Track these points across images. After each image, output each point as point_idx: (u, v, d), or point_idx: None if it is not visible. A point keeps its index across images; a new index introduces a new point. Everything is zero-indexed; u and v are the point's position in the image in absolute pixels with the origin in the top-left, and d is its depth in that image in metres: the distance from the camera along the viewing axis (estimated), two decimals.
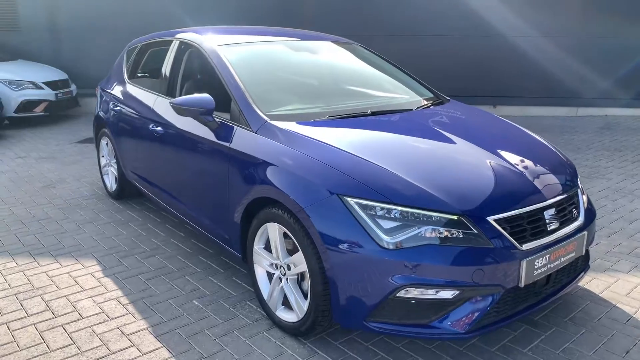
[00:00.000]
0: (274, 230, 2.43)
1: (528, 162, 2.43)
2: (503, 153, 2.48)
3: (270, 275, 2.56)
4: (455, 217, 2.06)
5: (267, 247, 2.54)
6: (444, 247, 2.01)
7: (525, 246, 2.10)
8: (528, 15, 8.25)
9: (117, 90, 4.21)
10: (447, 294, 2.02)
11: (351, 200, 2.09)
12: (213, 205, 2.89)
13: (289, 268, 2.39)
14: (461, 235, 2.04)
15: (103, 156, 4.62)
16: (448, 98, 3.45)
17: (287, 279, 2.42)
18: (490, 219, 2.08)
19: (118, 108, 4.04)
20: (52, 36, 9.53)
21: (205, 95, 2.80)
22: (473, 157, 2.39)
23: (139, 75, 4.18)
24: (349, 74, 3.52)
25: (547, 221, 2.21)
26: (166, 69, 3.58)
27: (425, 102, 3.21)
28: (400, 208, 2.06)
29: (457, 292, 2.02)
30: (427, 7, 8.52)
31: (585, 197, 2.57)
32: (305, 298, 2.33)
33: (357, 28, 8.44)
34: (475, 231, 2.05)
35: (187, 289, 2.93)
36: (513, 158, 2.43)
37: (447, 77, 8.14)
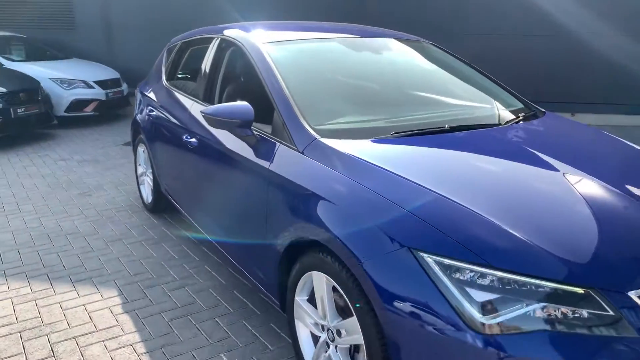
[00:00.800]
0: (320, 282, 1.88)
1: None
2: (636, 191, 1.81)
3: (315, 337, 2.01)
4: (582, 291, 1.42)
5: (312, 299, 1.99)
6: (566, 336, 1.38)
7: None
8: (610, 13, 7.28)
9: (153, 93, 3.80)
10: None
11: (429, 258, 1.50)
12: (248, 237, 2.38)
13: (339, 334, 1.83)
14: (591, 318, 1.40)
15: (140, 164, 4.24)
16: (543, 110, 2.78)
17: (336, 347, 1.86)
18: (633, 294, 1.44)
19: (154, 113, 3.62)
20: (105, 34, 9.43)
21: (243, 104, 2.28)
22: (598, 198, 1.74)
23: (178, 76, 3.75)
24: (417, 77, 2.91)
25: None
26: (205, 70, 3.11)
27: (515, 115, 2.55)
28: (500, 274, 1.45)
29: None
30: (493, 4, 7.71)
31: None
32: None
33: (415, 27, 7.76)
34: (612, 312, 1.41)
35: (215, 336, 2.43)
36: None
37: (516, 80, 7.31)
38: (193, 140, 2.88)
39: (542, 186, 1.81)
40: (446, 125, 2.25)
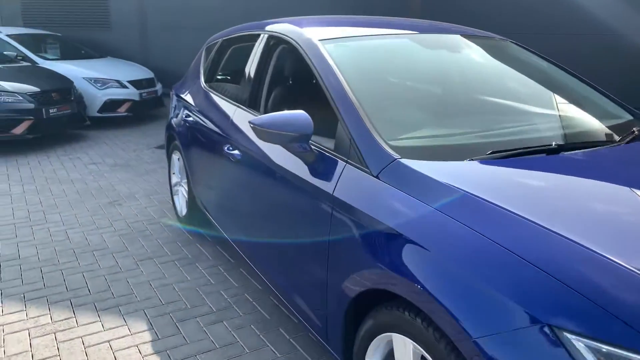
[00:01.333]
0: (403, 348, 1.45)
1: None
2: None
3: None
4: None
5: None
6: None
7: None
8: None
9: (190, 96, 3.44)
10: None
11: (580, 343, 1.06)
12: (303, 276, 1.97)
13: None
14: None
15: (174, 173, 3.90)
16: None
17: None
18: None
19: (191, 119, 3.26)
20: (140, 33, 9.23)
21: (299, 114, 1.88)
22: None
23: (218, 78, 3.37)
24: (502, 81, 2.44)
25: None
26: (250, 71, 2.72)
27: (628, 130, 2.07)
28: None
29: None
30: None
31: None
32: None
33: (494, 24, 7.21)
34: None
35: None
36: None
37: (613, 84, 6.69)
38: (236, 152, 2.49)
39: None
40: (553, 143, 1.79)
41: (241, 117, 2.61)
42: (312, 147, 1.94)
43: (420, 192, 1.50)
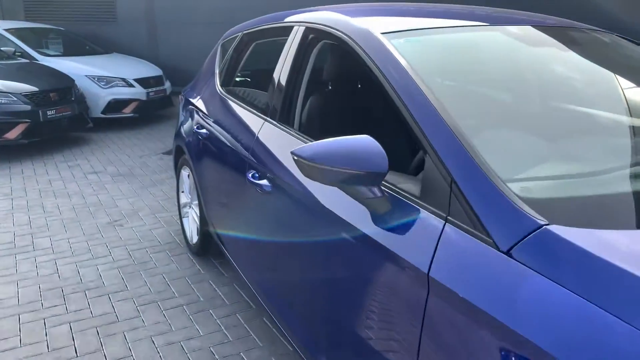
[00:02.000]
0: None
1: None
2: None
3: None
4: None
5: None
6: None
7: None
8: None
9: (203, 103, 2.83)
10: None
11: None
12: None
13: None
14: None
15: (183, 191, 3.30)
16: None
17: None
18: None
19: (204, 131, 2.65)
20: (148, 28, 8.66)
21: (364, 140, 1.27)
22: None
23: (237, 81, 2.77)
24: (621, 89, 1.81)
25: None
26: (280, 74, 2.10)
27: None
28: None
29: None
30: None
31: None
32: None
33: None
34: None
35: None
36: None
37: None
38: (264, 183, 1.88)
39: None
40: None
41: (270, 134, 2.00)
42: (385, 189, 1.33)
43: (600, 289, 0.88)
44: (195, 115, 2.84)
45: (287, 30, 2.18)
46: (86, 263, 3.07)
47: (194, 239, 3.12)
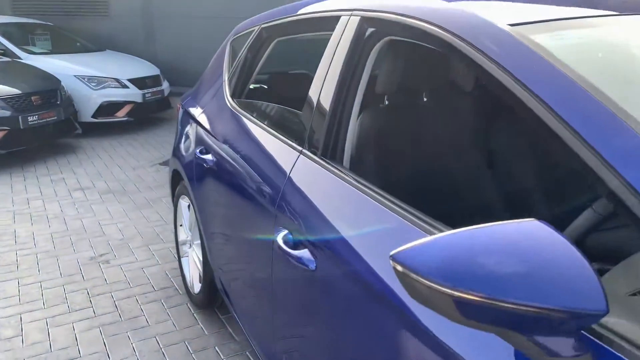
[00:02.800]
0: None
1: None
2: None
3: None
4: None
5: None
6: None
7: None
8: None
9: (208, 118, 2.17)
10: None
11: None
12: None
13: None
14: None
15: (181, 225, 2.66)
16: None
17: None
18: None
19: (208, 157, 2.00)
20: (145, 23, 7.99)
21: (545, 234, 0.62)
22: None
23: (253, 91, 2.12)
24: None
25: None
26: (322, 86, 1.45)
27: None
28: None
29: None
30: None
31: None
32: None
33: None
34: None
35: None
36: None
37: None
38: (305, 255, 1.24)
39: None
40: None
41: (309, 173, 1.36)
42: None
43: None
44: (198, 134, 2.19)
45: (330, 22, 1.52)
46: (60, 319, 2.42)
47: (196, 287, 2.47)
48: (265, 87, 2.46)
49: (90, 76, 6.17)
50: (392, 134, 1.54)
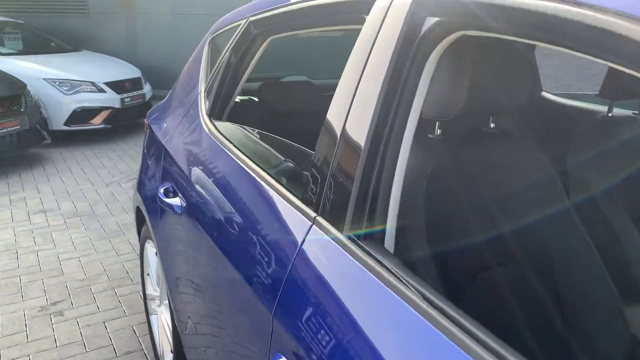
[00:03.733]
0: None
1: None
2: None
3: None
4: None
5: None
6: None
7: None
8: None
9: (176, 144, 1.60)
10: None
11: None
12: None
13: None
14: None
15: (148, 275, 2.09)
16: None
17: None
18: None
19: (175, 201, 1.43)
20: (126, 20, 7.39)
21: None
22: None
23: (239, 108, 1.55)
24: None
25: None
26: (348, 107, 0.89)
27: None
28: None
29: None
30: None
31: None
32: None
33: None
34: None
35: None
36: None
37: None
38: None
39: None
40: None
41: (335, 261, 0.80)
42: None
43: None
44: (164, 167, 1.61)
45: (358, 8, 0.96)
46: None
47: (166, 357, 1.90)
48: (256, 99, 1.90)
49: (62, 79, 5.57)
50: (451, 184, 0.99)
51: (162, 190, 1.50)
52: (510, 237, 1.03)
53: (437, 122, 1.07)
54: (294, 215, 0.92)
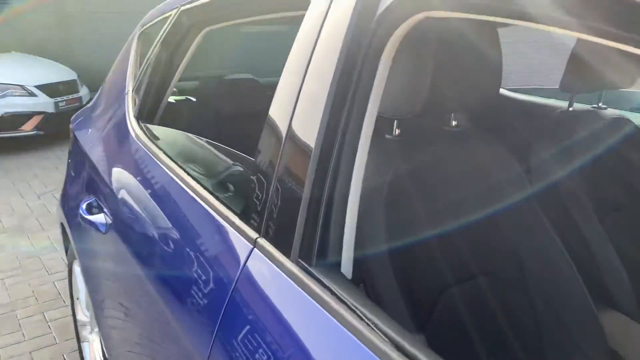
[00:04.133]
0: None
1: None
2: None
3: None
4: None
5: None
6: None
7: None
8: None
9: (100, 152, 1.40)
10: None
11: None
12: None
13: None
14: None
15: (77, 298, 1.87)
16: None
17: None
18: None
19: (98, 218, 1.23)
20: (58, 18, 6.96)
21: None
22: None
23: (171, 102, 1.37)
24: None
25: None
26: (294, 104, 0.74)
27: None
28: None
29: None
30: None
31: None
32: None
33: None
34: None
35: None
36: None
37: None
38: None
39: None
40: None
41: (281, 288, 0.65)
42: None
43: None
44: (88, 179, 1.41)
45: None
46: None
47: None
48: (194, 99, 1.72)
49: None
50: (412, 189, 0.87)
51: (84, 206, 1.30)
52: (480, 245, 0.92)
53: (396, 121, 0.94)
54: (233, 237, 0.77)
